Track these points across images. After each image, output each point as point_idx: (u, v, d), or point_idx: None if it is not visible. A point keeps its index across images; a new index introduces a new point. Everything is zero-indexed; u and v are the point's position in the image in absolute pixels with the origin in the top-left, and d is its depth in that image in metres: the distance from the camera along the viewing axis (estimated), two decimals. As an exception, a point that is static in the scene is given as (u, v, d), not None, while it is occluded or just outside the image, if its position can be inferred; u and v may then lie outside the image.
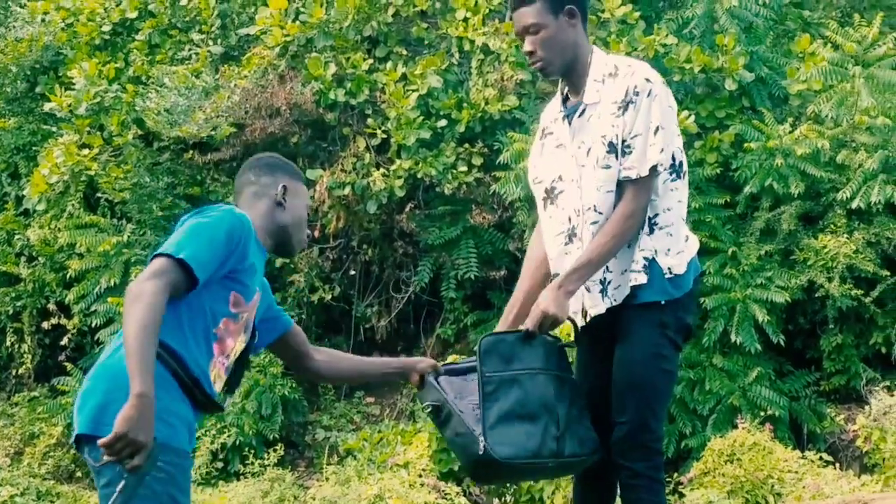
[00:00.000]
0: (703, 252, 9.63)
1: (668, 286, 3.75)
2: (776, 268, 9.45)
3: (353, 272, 10.66)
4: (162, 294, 3.03)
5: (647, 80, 3.66)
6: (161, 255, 3.13)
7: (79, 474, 9.89)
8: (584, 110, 3.75)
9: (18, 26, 11.77)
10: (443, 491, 7.40)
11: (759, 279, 9.35)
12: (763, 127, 9.52)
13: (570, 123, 3.80)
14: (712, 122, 9.82)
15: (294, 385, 10.14)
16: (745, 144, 9.51)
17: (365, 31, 10.23)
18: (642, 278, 3.72)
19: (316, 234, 10.32)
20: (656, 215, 3.74)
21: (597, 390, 3.84)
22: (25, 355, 10.96)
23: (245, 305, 3.32)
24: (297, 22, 10.12)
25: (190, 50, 10.84)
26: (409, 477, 7.78)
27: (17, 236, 10.95)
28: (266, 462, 8.59)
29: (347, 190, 9.96)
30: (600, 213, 3.72)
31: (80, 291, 10.12)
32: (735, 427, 8.81)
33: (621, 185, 3.69)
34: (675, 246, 3.77)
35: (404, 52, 10.25)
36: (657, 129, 3.64)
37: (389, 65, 10.10)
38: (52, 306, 10.60)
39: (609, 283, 3.76)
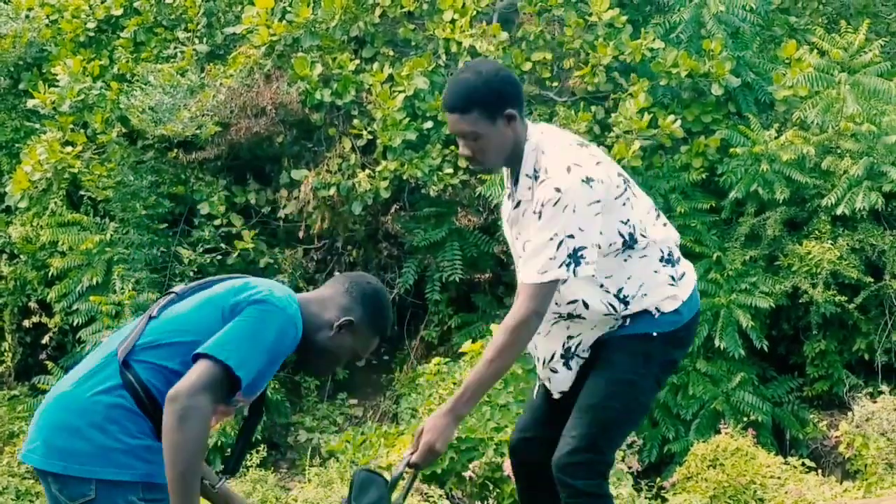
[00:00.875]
0: (688, 256, 9.61)
1: (659, 320, 3.64)
2: (761, 273, 9.46)
3: (337, 273, 10.61)
4: (210, 412, 2.82)
5: (557, 189, 3.45)
6: (218, 360, 2.86)
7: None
8: (518, 204, 3.63)
9: (2, 22, 11.67)
10: (426, 493, 7.36)
11: (743, 284, 9.36)
12: (749, 132, 9.53)
13: (512, 208, 3.68)
14: (698, 127, 9.83)
15: (277, 386, 10.09)
16: (731, 149, 9.53)
17: (352, 31, 10.20)
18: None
19: (301, 234, 10.28)
20: (620, 289, 3.60)
21: (557, 402, 3.76)
22: (6, 353, 10.89)
23: (244, 398, 3.08)
24: (284, 21, 10.08)
25: (175, 48, 10.79)
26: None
27: (-2, 233, 10.87)
28: (248, 463, 8.54)
29: (333, 191, 9.93)
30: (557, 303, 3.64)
31: (62, 290, 10.05)
32: (718, 432, 8.80)
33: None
34: (659, 294, 3.64)
35: (391, 53, 10.23)
36: (560, 241, 3.44)
37: (376, 66, 10.07)
38: (33, 304, 10.52)
39: (577, 348, 3.68)
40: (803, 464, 8.41)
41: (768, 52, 10.41)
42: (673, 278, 3.69)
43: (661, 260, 3.68)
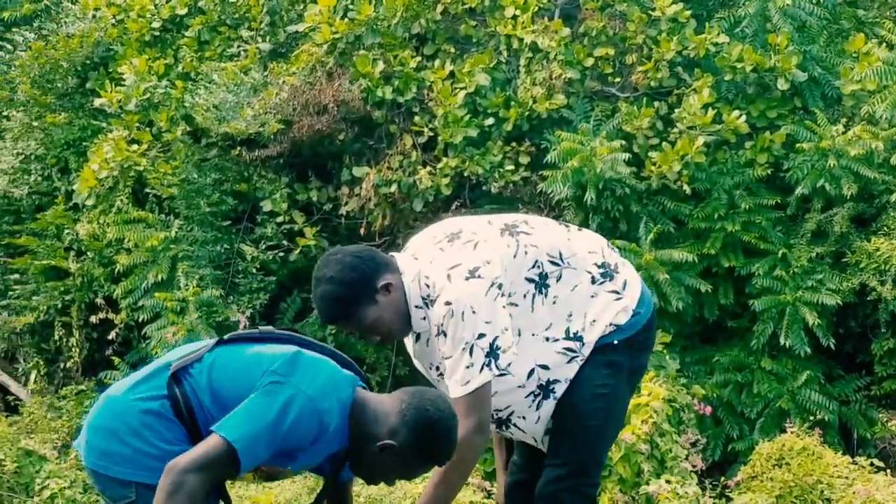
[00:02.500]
0: (752, 254, 9.55)
1: (617, 332, 3.59)
2: (827, 270, 9.32)
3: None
4: (200, 493, 2.85)
5: (448, 302, 3.40)
6: (227, 441, 2.89)
7: (125, 468, 9.96)
8: (418, 336, 3.58)
9: (70, 22, 11.87)
10: (488, 490, 7.35)
11: (809, 281, 9.23)
12: (815, 127, 9.40)
13: (414, 342, 3.63)
14: (763, 123, 9.71)
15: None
16: (797, 145, 9.39)
17: (413, 28, 10.21)
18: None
19: (362, 231, 10.31)
20: (567, 329, 3.54)
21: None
22: (73, 349, 11.05)
23: (282, 468, 3.13)
24: (346, 19, 10.12)
25: (239, 47, 10.89)
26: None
27: (66, 231, 11.03)
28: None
29: (394, 188, 9.95)
30: (511, 407, 3.59)
31: (128, 286, 10.18)
32: (783, 431, 8.69)
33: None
34: (608, 314, 3.58)
35: (452, 50, 10.22)
36: (471, 346, 3.39)
37: (437, 62, 10.07)
38: (99, 301, 10.66)
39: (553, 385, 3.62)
40: (871, 463, 8.26)
41: (835, 45, 10.23)
42: (616, 292, 3.60)
43: (593, 281, 3.58)
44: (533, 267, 3.50)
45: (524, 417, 3.57)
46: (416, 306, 3.48)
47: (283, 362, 3.03)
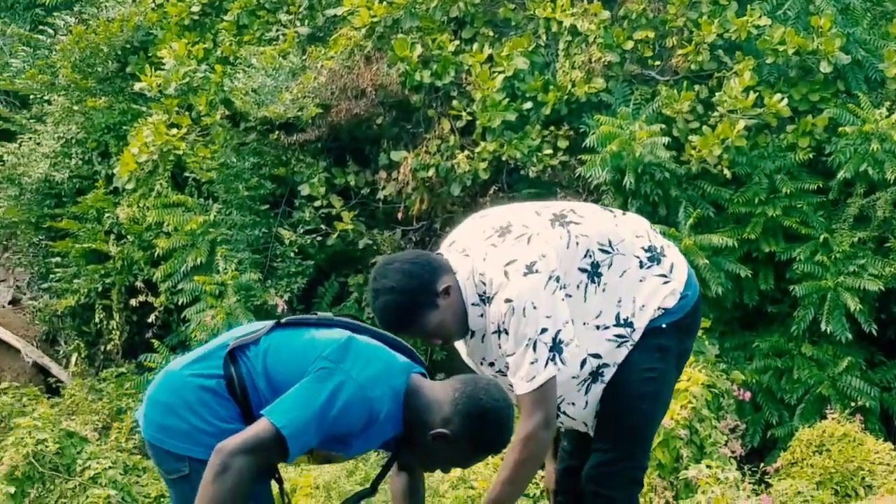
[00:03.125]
0: (794, 238, 9.47)
1: (665, 315, 3.57)
2: (870, 255, 9.23)
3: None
4: (248, 475, 2.88)
5: (508, 299, 3.37)
6: (276, 426, 2.90)
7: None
8: (472, 333, 3.55)
9: (110, 6, 11.94)
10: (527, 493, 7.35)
11: (851, 267, 9.14)
12: (858, 111, 9.28)
13: (467, 339, 3.60)
14: (805, 106, 9.60)
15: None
16: (840, 129, 9.28)
17: (451, 11, 10.17)
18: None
19: (399, 215, 10.31)
20: (617, 315, 3.53)
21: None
22: (114, 332, 11.14)
23: (335, 454, 3.14)
24: (384, 3, 10.10)
25: (277, 30, 10.90)
26: (493, 459, 7.74)
27: (106, 214, 11.11)
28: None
29: (431, 172, 9.93)
30: (562, 396, 3.56)
31: (167, 270, 10.24)
32: (824, 417, 8.63)
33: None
34: (657, 298, 3.57)
35: (491, 34, 10.18)
36: (534, 342, 3.37)
37: (476, 46, 10.03)
38: (139, 284, 10.74)
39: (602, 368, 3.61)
40: (913, 450, 8.20)
41: (879, 28, 10.08)
42: (664, 275, 3.58)
43: (641, 266, 3.57)
44: (585, 257, 3.49)
45: (573, 403, 3.56)
46: (473, 304, 3.47)
47: (335, 348, 3.03)
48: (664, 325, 3.56)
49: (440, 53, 9.99)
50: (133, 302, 10.73)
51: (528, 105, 9.79)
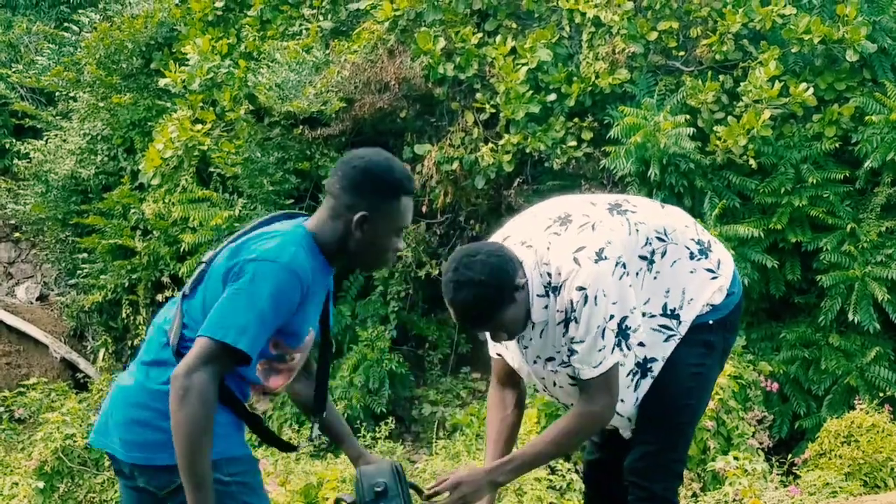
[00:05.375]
0: (820, 229, 9.41)
1: (712, 311, 3.58)
2: (897, 245, 9.16)
3: (460, 247, 10.63)
4: (211, 386, 2.83)
5: (581, 287, 3.35)
6: (207, 337, 2.85)
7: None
8: (533, 326, 3.50)
9: (134, 3, 12.01)
10: (553, 467, 7.34)
11: (879, 257, 9.08)
12: (885, 99, 9.21)
13: (518, 344, 3.58)
14: (831, 95, 9.53)
15: (401, 360, 10.18)
16: (866, 118, 9.22)
17: (474, 4, 10.16)
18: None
19: (423, 209, 10.32)
20: (664, 306, 3.54)
21: None
22: (140, 327, 11.20)
23: (289, 348, 3.07)
24: (407, -4, 10.10)
25: (300, 25, 10.92)
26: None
27: (132, 210, 11.17)
28: (377, 435, 8.63)
29: (455, 165, 9.93)
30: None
31: (193, 265, 10.27)
32: (852, 408, 8.58)
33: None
34: (706, 293, 3.57)
35: (514, 26, 10.16)
36: (602, 329, 3.37)
37: (499, 38, 10.01)
38: (165, 279, 10.79)
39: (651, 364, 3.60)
40: (943, 441, 8.14)
41: (906, 15, 10.01)
42: (712, 270, 3.57)
43: (691, 257, 3.56)
44: (645, 245, 3.50)
45: (623, 400, 3.55)
46: (539, 295, 3.44)
47: (228, 255, 3.00)
48: (711, 322, 3.56)
49: (463, 46, 9.98)
50: (159, 297, 10.77)
51: (552, 97, 9.77)
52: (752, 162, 9.20)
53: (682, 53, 9.83)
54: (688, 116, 9.25)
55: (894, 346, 9.36)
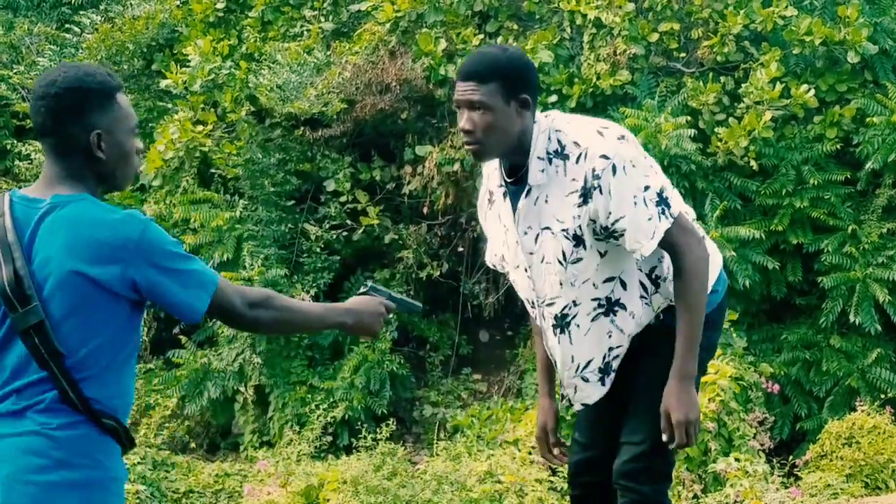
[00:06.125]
0: (821, 230, 9.41)
1: None
2: (899, 247, 9.16)
3: (461, 249, 10.64)
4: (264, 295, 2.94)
5: (605, 156, 3.30)
6: (201, 301, 2.77)
7: (192, 445, 10.09)
8: (528, 191, 3.41)
9: (135, 4, 12.00)
10: (554, 469, 7.34)
11: (880, 258, 9.08)
12: (887, 101, 9.22)
13: (513, 205, 3.46)
14: (832, 97, 9.54)
15: (402, 361, 10.18)
16: (868, 119, 9.22)
17: (476, 5, 10.16)
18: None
19: (425, 210, 10.32)
20: (653, 269, 3.48)
21: (603, 407, 3.63)
22: (143, 328, 11.18)
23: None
24: (408, -3, 10.10)
25: (302, 26, 10.92)
26: (520, 454, 7.75)
27: (133, 211, 11.16)
28: (378, 436, 8.63)
29: (457, 166, 9.93)
30: (578, 304, 3.47)
31: (195, 265, 10.25)
32: (853, 410, 8.58)
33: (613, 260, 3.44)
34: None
35: (515, 27, 10.16)
36: (642, 199, 3.32)
37: (500, 39, 10.02)
38: (167, 280, 10.76)
39: (614, 362, 3.55)
40: (944, 443, 8.13)
41: (907, 17, 10.01)
42: (658, 287, 3.53)
43: (650, 274, 3.53)
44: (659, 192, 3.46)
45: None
46: (539, 157, 3.38)
47: (71, 253, 2.70)
48: None
49: (464, 47, 9.97)
50: (161, 298, 10.74)
51: (554, 98, 9.76)
52: (753, 163, 9.20)
53: (683, 55, 9.84)
54: (689, 118, 9.25)
55: (895, 347, 9.36)
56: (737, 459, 7.15)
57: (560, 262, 3.41)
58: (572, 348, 3.54)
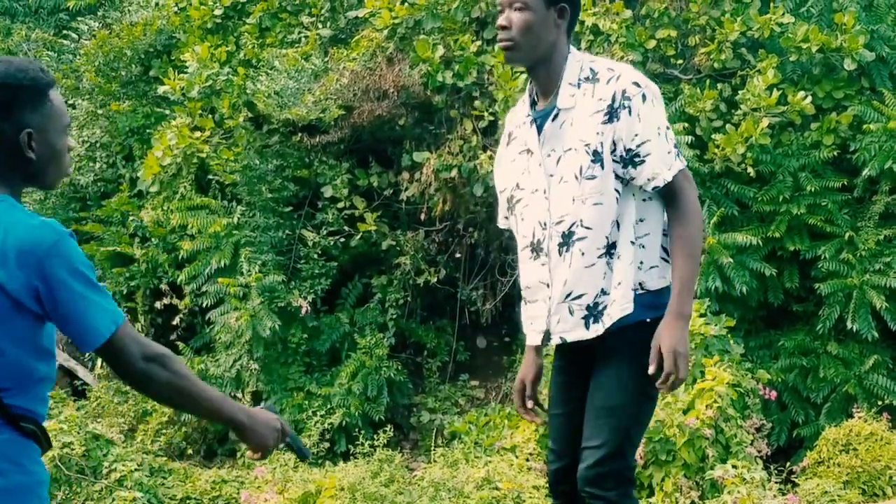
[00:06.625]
0: (818, 236, 9.42)
1: (651, 302, 3.54)
2: (895, 253, 9.16)
3: (458, 255, 10.64)
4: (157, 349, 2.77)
5: (637, 83, 3.43)
6: (111, 332, 2.66)
7: (189, 451, 10.08)
8: (556, 115, 3.51)
9: (133, 10, 12.01)
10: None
11: (877, 265, 9.09)
12: (883, 108, 9.23)
13: (539, 129, 3.56)
14: (829, 104, 9.55)
15: (399, 367, 10.18)
16: (865, 126, 9.23)
17: (473, 12, 10.17)
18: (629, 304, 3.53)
19: (422, 216, 10.32)
20: (641, 220, 3.56)
21: (576, 414, 3.64)
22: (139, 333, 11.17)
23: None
24: (406, 4, 10.11)
25: (300, 33, 10.93)
26: (517, 461, 7.74)
27: (130, 218, 11.16)
28: (376, 443, 8.63)
29: (454, 173, 9.93)
30: (588, 227, 3.50)
31: (192, 272, 10.28)
32: (850, 416, 8.59)
33: (626, 194, 3.53)
34: (647, 260, 3.56)
35: (512, 34, 10.16)
36: (665, 133, 3.47)
37: (497, 46, 10.01)
38: (164, 286, 10.78)
39: (603, 307, 3.54)
40: (942, 450, 8.13)
41: (903, 24, 10.04)
42: (667, 252, 3.58)
43: (664, 233, 3.61)
44: None
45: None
46: (570, 83, 3.53)
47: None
48: (648, 320, 3.53)
49: (462, 54, 9.99)
50: (158, 305, 10.76)
51: (551, 105, 9.76)
52: (750, 170, 9.22)
53: (680, 62, 9.85)
54: (686, 124, 9.26)
55: (892, 354, 9.37)
56: (734, 466, 7.14)
57: (576, 177, 3.50)
58: (570, 272, 3.56)
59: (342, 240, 10.44)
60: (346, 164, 10.51)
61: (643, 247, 3.55)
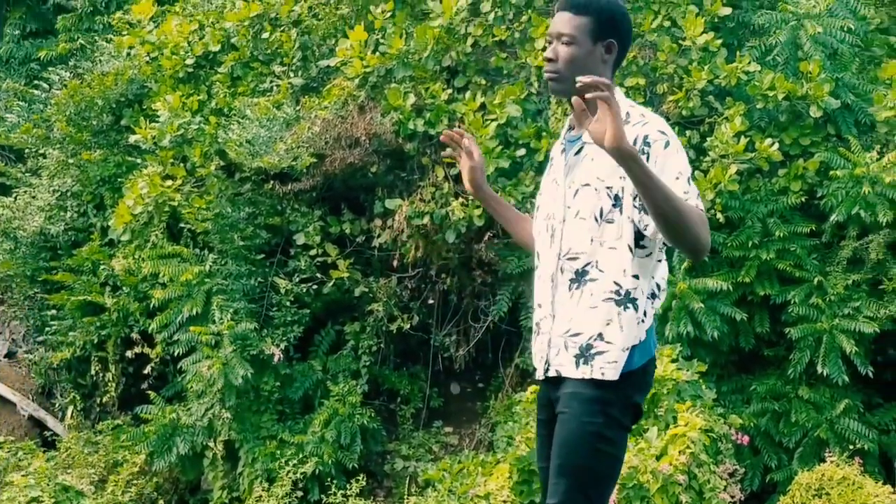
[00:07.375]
0: (788, 282, 9.50)
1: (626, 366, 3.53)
2: (864, 298, 9.25)
3: (431, 301, 10.65)
4: None
5: (662, 132, 3.45)
6: None
7: (160, 502, 9.98)
8: (580, 148, 3.55)
9: (104, 60, 12.01)
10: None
11: (846, 309, 9.17)
12: (849, 154, 9.36)
13: (565, 158, 3.62)
14: (796, 150, 9.67)
15: (373, 414, 10.15)
16: (831, 172, 9.35)
17: (444, 61, 10.26)
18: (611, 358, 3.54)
19: (394, 263, 10.34)
20: (629, 292, 3.55)
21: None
22: (109, 384, 11.10)
23: None
24: (377, 53, 10.18)
25: (271, 82, 10.97)
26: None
27: (101, 266, 11.12)
28: (348, 492, 8.57)
29: (426, 219, 9.96)
30: (601, 270, 3.52)
31: (163, 320, 10.23)
32: (822, 461, 8.62)
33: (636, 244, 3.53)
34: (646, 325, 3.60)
35: (483, 82, 10.26)
36: (686, 178, 3.41)
37: (468, 94, 10.11)
38: (135, 335, 10.73)
39: (596, 352, 3.54)
40: (913, 493, 8.17)
41: (868, 72, 10.20)
42: (645, 315, 3.57)
43: (651, 296, 3.61)
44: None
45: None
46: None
47: None
48: (611, 379, 3.53)
49: (433, 102, 10.06)
50: (129, 353, 10.70)
51: (522, 152, 9.85)
52: (719, 216, 9.30)
53: (649, 109, 9.94)
54: (656, 171, 9.33)
55: (863, 398, 9.43)
56: (708, 512, 7.14)
57: (595, 219, 3.52)
58: (577, 310, 3.57)
59: (315, 287, 10.44)
60: (318, 212, 10.52)
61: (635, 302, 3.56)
